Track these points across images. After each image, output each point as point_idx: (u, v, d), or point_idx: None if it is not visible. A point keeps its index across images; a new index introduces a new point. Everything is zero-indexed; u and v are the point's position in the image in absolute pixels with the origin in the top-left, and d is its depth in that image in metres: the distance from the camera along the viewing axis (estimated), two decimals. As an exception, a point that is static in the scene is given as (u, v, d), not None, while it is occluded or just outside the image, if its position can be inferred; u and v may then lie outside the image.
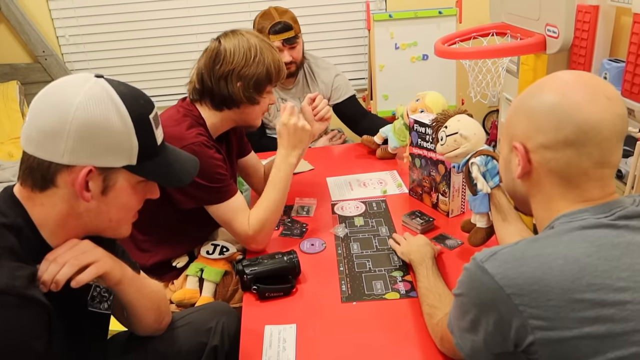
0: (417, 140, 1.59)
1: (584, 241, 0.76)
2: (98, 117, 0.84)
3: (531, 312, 0.73)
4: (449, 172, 1.50)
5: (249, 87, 1.42)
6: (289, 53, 2.15)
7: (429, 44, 2.63)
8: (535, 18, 2.15)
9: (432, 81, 3.07)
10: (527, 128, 0.84)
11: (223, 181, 1.40)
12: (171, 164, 0.97)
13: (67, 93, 0.84)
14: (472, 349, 0.85)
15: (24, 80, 3.09)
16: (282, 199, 1.48)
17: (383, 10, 3.26)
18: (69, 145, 0.83)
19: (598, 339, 0.71)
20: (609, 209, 0.80)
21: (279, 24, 2.10)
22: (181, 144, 1.32)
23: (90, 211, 0.89)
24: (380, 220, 1.57)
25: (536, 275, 0.74)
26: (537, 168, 0.84)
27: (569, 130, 0.78)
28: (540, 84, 0.86)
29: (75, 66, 3.24)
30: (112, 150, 0.86)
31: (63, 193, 0.86)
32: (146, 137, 0.90)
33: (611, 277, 0.73)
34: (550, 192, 0.84)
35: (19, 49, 3.13)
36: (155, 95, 3.31)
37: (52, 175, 0.85)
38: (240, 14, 3.21)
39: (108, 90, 0.86)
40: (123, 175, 0.90)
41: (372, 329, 1.14)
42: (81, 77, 0.87)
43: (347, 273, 1.33)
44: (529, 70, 2.34)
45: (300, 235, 1.52)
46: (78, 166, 0.84)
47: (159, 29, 3.21)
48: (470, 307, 0.82)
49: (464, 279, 0.83)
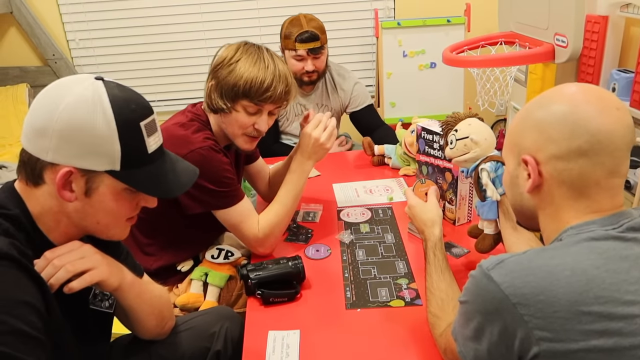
0: (425, 147, 1.58)
1: (591, 253, 0.75)
2: (82, 119, 0.84)
3: (536, 323, 0.72)
4: (456, 180, 1.49)
5: (217, 89, 1.38)
6: (312, 62, 2.16)
7: (437, 52, 2.63)
8: (545, 27, 2.15)
9: (439, 89, 3.07)
10: (537, 139, 0.82)
11: (231, 185, 1.40)
12: (164, 174, 0.94)
13: (61, 93, 0.85)
14: (475, 358, 0.84)
15: (34, 83, 3.12)
16: (293, 205, 1.48)
17: (391, 18, 3.27)
18: (53, 143, 0.83)
19: (605, 353, 0.70)
20: (617, 221, 0.79)
21: (307, 32, 2.11)
22: (188, 148, 1.32)
23: (78, 211, 0.90)
24: (386, 227, 1.57)
25: (543, 285, 0.73)
26: (549, 180, 0.82)
27: (583, 139, 0.77)
28: (547, 96, 0.85)
29: (85, 70, 3.27)
30: (93, 153, 0.85)
31: (51, 190, 0.87)
32: (133, 144, 0.88)
33: (619, 290, 0.72)
34: (560, 204, 0.83)
35: (29, 52, 3.16)
36: (164, 100, 3.33)
37: (40, 172, 0.86)
38: (249, 20, 3.24)
39: (100, 92, 0.86)
40: (106, 180, 0.88)
41: (376, 336, 1.13)
42: (81, 78, 0.88)
43: (352, 279, 1.32)
44: (537, 79, 2.33)
45: (305, 241, 1.52)
46: (61, 165, 0.85)
47: (169, 34, 3.24)
48: (474, 315, 0.81)
49: (469, 286, 0.82)
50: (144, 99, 0.92)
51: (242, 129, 1.42)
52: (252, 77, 1.34)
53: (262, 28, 3.25)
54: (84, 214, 0.90)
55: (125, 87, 0.90)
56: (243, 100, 1.37)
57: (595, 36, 2.27)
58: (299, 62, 2.16)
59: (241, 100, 1.37)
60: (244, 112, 1.39)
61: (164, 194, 0.95)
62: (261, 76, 1.35)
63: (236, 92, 1.35)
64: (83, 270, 0.90)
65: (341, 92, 2.33)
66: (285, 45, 2.18)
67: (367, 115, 2.35)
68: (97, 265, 0.92)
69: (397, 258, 1.40)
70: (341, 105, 2.36)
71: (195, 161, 1.30)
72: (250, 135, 1.44)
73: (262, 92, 1.35)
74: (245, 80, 1.34)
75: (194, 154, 1.31)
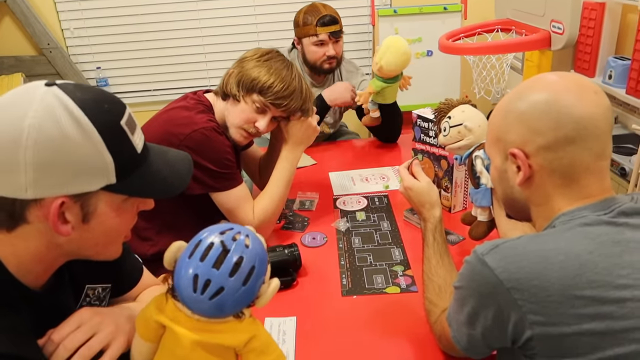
0: (420, 135, 1.58)
1: (585, 238, 0.76)
2: (57, 138, 0.68)
3: (530, 307, 0.73)
4: (452, 167, 1.50)
5: (236, 77, 1.41)
6: (334, 47, 2.14)
7: (433, 39, 2.62)
8: (541, 14, 2.14)
9: (436, 77, 3.07)
10: (522, 133, 0.82)
11: (231, 167, 1.41)
12: (159, 171, 0.83)
13: (14, 116, 0.69)
14: (469, 342, 0.85)
15: (29, 72, 3.10)
16: (285, 190, 1.49)
17: (388, 5, 3.25)
18: (29, 177, 0.68)
19: (597, 336, 0.71)
20: (608, 206, 0.80)
21: (327, 16, 2.10)
22: (192, 128, 1.34)
23: (73, 241, 0.76)
24: (382, 215, 1.57)
25: (536, 270, 0.74)
26: (539, 171, 0.83)
27: (569, 127, 0.78)
28: (525, 87, 0.85)
29: (80, 59, 3.26)
30: (82, 173, 0.72)
31: (38, 228, 0.73)
32: (122, 148, 0.75)
33: (611, 274, 0.73)
34: (551, 193, 0.83)
35: (24, 42, 3.14)
36: (159, 89, 3.32)
37: (20, 213, 0.71)
38: (245, 7, 3.22)
39: (63, 101, 0.70)
40: (104, 197, 0.75)
41: (372, 322, 1.14)
42: (28, 90, 0.72)
43: (347, 267, 1.33)
44: (533, 66, 2.33)
45: (301, 228, 1.52)
46: (48, 198, 0.70)
47: (164, 22, 3.22)
48: (469, 300, 0.82)
49: (464, 271, 0.83)
50: (112, 94, 0.81)
51: (243, 121, 1.43)
52: (274, 79, 1.38)
53: (257, 16, 3.23)
54: (81, 242, 0.78)
55: (84, 86, 0.77)
56: (256, 95, 1.39)
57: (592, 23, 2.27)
58: (320, 47, 2.13)
59: (254, 94, 1.39)
60: (251, 106, 1.41)
61: (169, 192, 0.84)
62: (286, 83, 1.39)
63: (254, 85, 1.38)
64: (101, 349, 0.79)
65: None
66: (304, 32, 2.14)
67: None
68: (111, 336, 0.81)
69: (393, 245, 1.41)
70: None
71: (198, 140, 1.32)
72: (248, 130, 1.45)
73: (279, 97, 1.39)
74: (267, 79, 1.37)
75: (197, 134, 1.33)
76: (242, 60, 1.43)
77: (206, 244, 0.72)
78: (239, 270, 0.70)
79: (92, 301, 0.92)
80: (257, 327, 0.78)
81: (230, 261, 0.70)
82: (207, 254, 0.71)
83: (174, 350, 0.75)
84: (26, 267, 0.76)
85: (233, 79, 1.41)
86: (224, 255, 0.71)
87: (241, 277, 0.71)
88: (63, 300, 0.86)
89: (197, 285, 0.70)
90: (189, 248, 0.74)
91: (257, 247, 0.74)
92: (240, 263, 0.71)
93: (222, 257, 0.71)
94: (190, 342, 0.73)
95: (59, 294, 0.85)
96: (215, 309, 0.71)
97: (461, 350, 0.88)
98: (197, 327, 0.73)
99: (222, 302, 0.71)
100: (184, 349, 0.73)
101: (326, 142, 2.28)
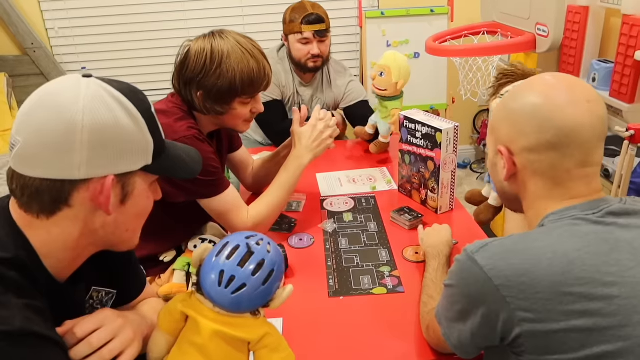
0: (407, 136, 1.59)
1: (573, 236, 0.77)
2: (109, 119, 0.74)
3: (519, 304, 0.74)
4: (439, 168, 1.50)
5: (209, 98, 1.34)
6: (318, 46, 2.14)
7: (420, 42, 2.64)
8: (526, 17, 2.16)
9: (423, 79, 3.08)
10: (510, 131, 0.85)
11: (216, 174, 1.39)
12: (179, 155, 0.90)
13: (67, 101, 0.73)
14: (459, 340, 0.86)
15: (12, 72, 3.06)
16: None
17: (375, 7, 3.26)
18: (84, 156, 0.73)
19: (585, 333, 0.72)
20: (597, 206, 0.81)
21: (313, 15, 2.10)
22: (173, 137, 1.30)
23: (108, 225, 0.80)
24: (369, 216, 1.57)
25: (525, 267, 0.75)
26: (522, 170, 0.85)
27: (550, 133, 0.80)
28: (525, 85, 0.87)
29: (65, 59, 3.22)
30: (129, 153, 0.77)
31: (77, 212, 0.76)
32: (157, 131, 0.83)
33: (600, 271, 0.74)
34: (537, 192, 0.85)
35: (7, 41, 3.09)
36: (145, 90, 3.26)
37: (67, 195, 0.74)
38: (232, 9, 3.21)
39: (108, 89, 0.77)
40: (141, 177, 0.81)
41: (358, 323, 1.14)
42: (70, 80, 0.78)
43: (334, 268, 1.33)
44: (519, 69, 2.35)
45: (288, 230, 1.52)
46: (95, 178, 0.75)
47: (149, 22, 3.20)
48: (459, 298, 0.83)
49: (454, 269, 0.84)
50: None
51: (242, 118, 1.42)
52: (251, 70, 1.32)
53: (245, 17, 3.23)
54: (114, 226, 0.81)
55: (115, 79, 0.83)
56: (240, 97, 1.36)
57: (576, 26, 2.30)
58: (304, 45, 2.13)
59: (238, 97, 1.36)
60: (241, 106, 1.39)
61: (190, 173, 0.91)
62: (254, 65, 1.33)
63: (234, 91, 1.34)
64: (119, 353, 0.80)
65: (335, 88, 2.31)
66: (290, 29, 2.14)
67: (362, 109, 2.29)
68: (128, 342, 0.82)
69: (380, 246, 1.41)
70: (334, 100, 2.33)
71: None
72: (249, 118, 1.44)
73: (260, 80, 1.35)
74: (241, 77, 1.32)
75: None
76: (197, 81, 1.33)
77: (233, 245, 0.81)
78: (260, 271, 0.79)
79: (94, 304, 0.93)
80: (271, 327, 0.85)
81: (254, 262, 0.79)
82: (234, 253, 0.79)
83: (194, 339, 0.82)
84: (56, 255, 0.78)
85: (207, 101, 1.34)
86: (248, 256, 0.79)
87: (262, 277, 0.79)
88: (78, 296, 0.89)
89: (223, 280, 0.78)
90: (216, 249, 0.82)
91: (277, 254, 0.83)
92: (262, 265, 0.79)
93: (246, 257, 0.79)
94: (211, 331, 0.80)
95: (76, 289, 0.87)
96: (235, 303, 0.79)
97: (451, 347, 0.88)
98: (217, 319, 0.80)
99: (242, 298, 0.78)
100: (204, 338, 0.80)
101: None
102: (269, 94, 2.11)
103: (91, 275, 0.91)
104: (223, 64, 1.31)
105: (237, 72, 1.31)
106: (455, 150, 1.51)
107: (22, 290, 0.71)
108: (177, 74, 1.38)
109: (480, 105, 3.46)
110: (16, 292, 0.70)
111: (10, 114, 2.91)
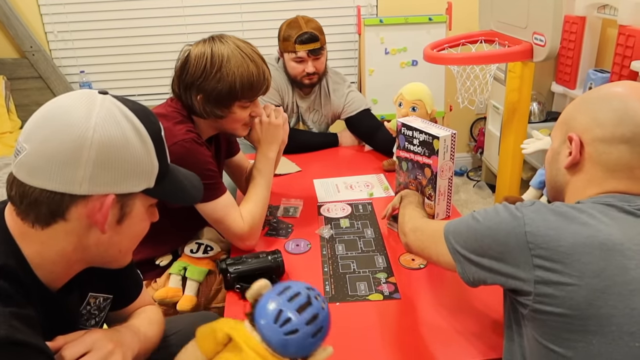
0: (404, 143, 1.60)
1: (604, 216, 0.81)
2: (118, 139, 0.74)
3: (539, 252, 0.79)
4: (435, 175, 1.51)
5: (209, 101, 1.36)
6: (313, 64, 2.13)
7: (418, 49, 2.65)
8: (523, 26, 2.18)
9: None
10: (587, 121, 0.88)
11: (214, 178, 1.39)
12: (181, 181, 0.89)
13: (80, 116, 0.73)
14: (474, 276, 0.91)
15: (11, 75, 3.06)
16: (267, 192, 1.50)
17: (374, 15, 3.28)
18: (87, 172, 0.73)
19: (596, 293, 0.75)
20: (634, 201, 0.85)
21: (306, 34, 2.08)
22: (171, 141, 1.30)
23: (101, 244, 0.80)
24: (365, 223, 1.58)
25: (556, 225, 0.80)
26: (587, 159, 0.89)
27: (628, 128, 0.84)
28: (606, 86, 0.92)
29: (63, 62, 3.22)
30: (133, 174, 0.77)
31: (72, 227, 0.76)
32: (163, 156, 0.82)
33: (623, 245, 0.77)
34: (590, 179, 0.89)
35: (6, 44, 3.10)
36: (143, 94, 3.30)
37: (65, 209, 0.74)
38: (232, 15, 3.22)
39: (122, 108, 0.77)
40: (140, 200, 0.81)
41: (355, 329, 1.14)
42: (85, 95, 0.77)
43: (331, 274, 1.33)
44: (515, 77, 2.36)
45: (285, 235, 1.52)
46: (95, 195, 0.74)
47: (149, 27, 3.20)
48: (485, 233, 0.88)
49: (490, 209, 0.89)
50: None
51: (241, 122, 1.44)
52: (250, 73, 1.34)
53: (244, 23, 3.24)
54: (108, 245, 0.81)
55: (131, 99, 0.83)
56: (239, 101, 1.38)
57: (572, 36, 2.32)
58: (299, 64, 2.12)
59: (238, 101, 1.38)
60: (241, 110, 1.40)
61: (189, 200, 0.91)
62: (253, 69, 1.35)
63: (234, 94, 1.35)
64: None
65: (334, 100, 2.29)
66: (284, 48, 2.14)
67: (364, 119, 2.27)
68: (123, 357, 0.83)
69: (377, 253, 1.42)
70: (333, 112, 2.32)
71: (178, 154, 1.29)
72: (248, 122, 1.47)
73: (260, 85, 1.37)
74: (241, 81, 1.34)
75: (177, 147, 1.31)
76: (197, 84, 1.35)
77: (294, 291, 0.84)
78: (313, 323, 0.82)
79: (92, 310, 0.93)
80: None
81: (310, 313, 0.82)
82: (294, 298, 0.83)
83: None
84: (48, 267, 0.78)
85: (207, 105, 1.36)
86: (306, 306, 0.83)
87: (313, 329, 0.82)
88: (71, 304, 0.88)
89: (280, 318, 0.81)
90: (277, 288, 0.85)
91: (328, 314, 0.86)
92: (316, 318, 0.83)
93: (305, 306, 0.83)
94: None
95: (70, 298, 0.86)
96: (284, 344, 0.81)
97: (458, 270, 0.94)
98: (261, 353, 0.82)
99: (292, 342, 0.81)
100: None
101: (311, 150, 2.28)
102: (269, 98, 2.11)
103: (87, 281, 0.90)
104: (223, 68, 1.32)
105: (237, 75, 1.33)
106: (452, 158, 1.51)
107: (9, 298, 0.71)
108: (177, 77, 1.39)
109: (477, 114, 3.48)
110: (2, 300, 0.70)
111: (9, 117, 2.92)
